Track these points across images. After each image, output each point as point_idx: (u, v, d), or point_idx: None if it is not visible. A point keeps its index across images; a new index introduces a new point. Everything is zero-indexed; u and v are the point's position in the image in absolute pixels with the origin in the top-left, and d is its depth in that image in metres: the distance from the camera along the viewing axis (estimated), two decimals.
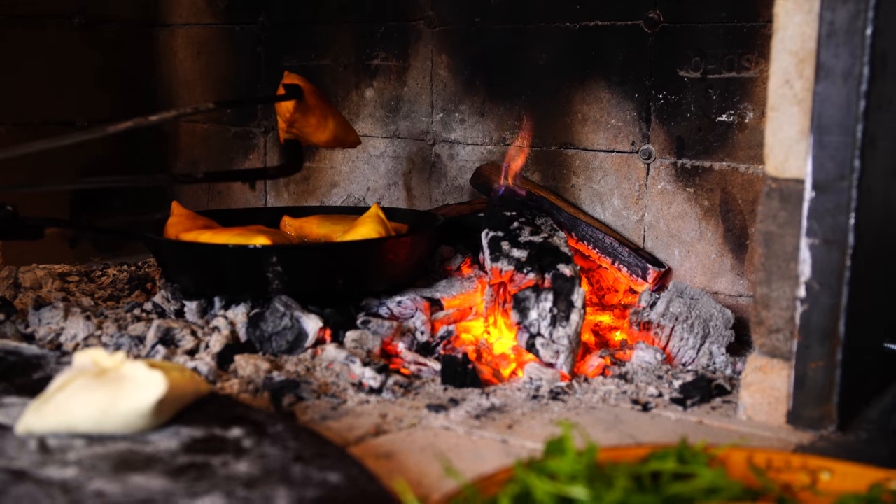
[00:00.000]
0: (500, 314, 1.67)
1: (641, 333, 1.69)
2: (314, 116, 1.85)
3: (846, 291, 1.26)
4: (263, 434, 1.13)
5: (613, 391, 1.49)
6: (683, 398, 1.45)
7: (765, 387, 1.34)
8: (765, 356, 1.34)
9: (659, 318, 1.68)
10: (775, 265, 1.32)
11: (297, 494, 0.96)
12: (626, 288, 1.91)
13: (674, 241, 1.90)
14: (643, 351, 1.63)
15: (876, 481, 0.92)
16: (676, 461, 0.94)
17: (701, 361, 1.63)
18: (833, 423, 1.29)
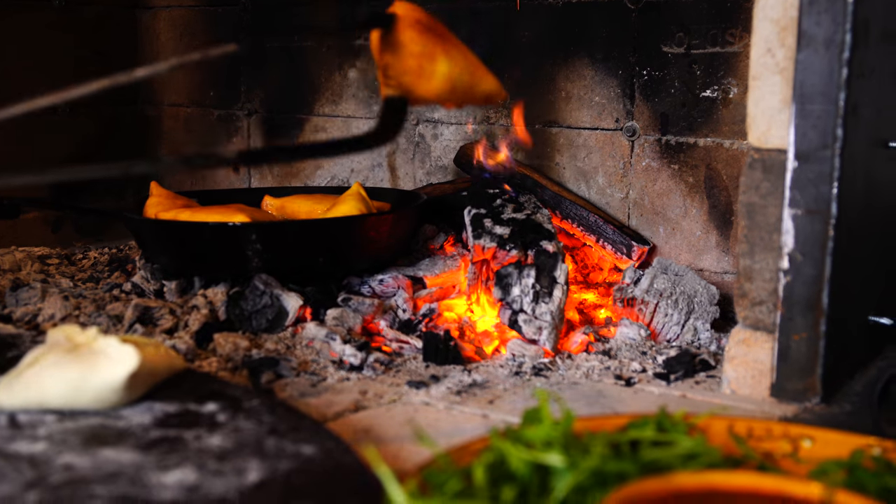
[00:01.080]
0: (482, 291, 1.65)
1: (625, 310, 1.68)
2: (411, 57, 1.22)
3: (829, 262, 1.25)
4: (239, 409, 1.11)
5: (597, 367, 1.48)
6: (667, 373, 1.44)
7: (748, 360, 1.32)
8: (748, 329, 1.33)
9: (643, 294, 1.67)
10: (758, 237, 1.31)
11: (270, 466, 0.94)
12: (611, 266, 1.90)
13: (658, 218, 1.88)
14: (627, 327, 1.62)
15: (857, 448, 0.91)
16: (655, 430, 0.92)
17: (685, 337, 1.62)
18: (817, 395, 1.28)
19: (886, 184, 1.41)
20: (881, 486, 0.84)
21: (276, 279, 1.62)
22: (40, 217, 2.36)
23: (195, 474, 0.92)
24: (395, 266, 1.76)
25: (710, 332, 1.61)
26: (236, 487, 0.89)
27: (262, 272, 1.61)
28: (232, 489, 0.89)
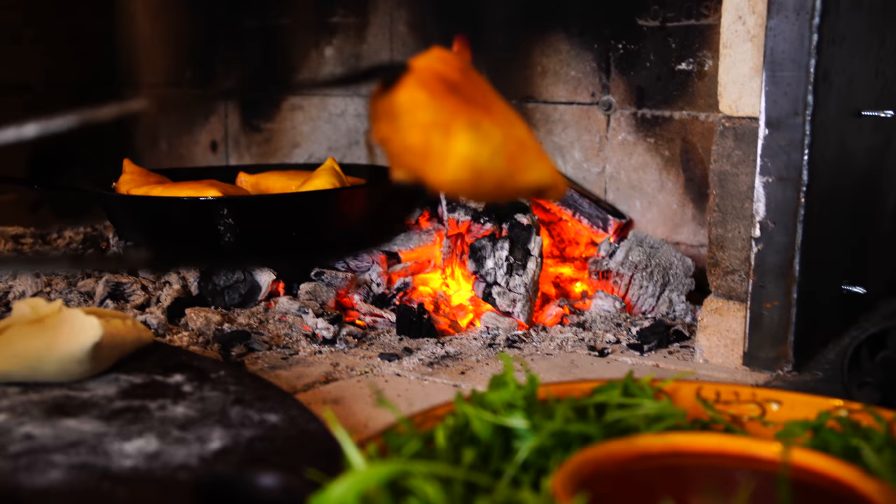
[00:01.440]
0: (457, 265, 1.64)
1: (601, 282, 1.67)
2: (416, 129, 0.79)
3: (801, 230, 1.24)
4: (205, 380, 1.10)
5: (571, 338, 1.47)
6: (641, 344, 1.43)
7: (721, 329, 1.32)
8: (721, 298, 1.33)
9: (618, 266, 1.66)
10: (730, 205, 1.30)
11: (234, 434, 0.93)
12: (588, 240, 1.89)
13: (635, 192, 1.87)
14: (602, 300, 1.61)
15: (824, 410, 0.90)
16: (622, 394, 0.92)
17: (661, 309, 1.61)
18: (789, 363, 1.27)
19: (859, 152, 1.40)
20: (845, 445, 0.84)
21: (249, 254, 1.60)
22: (18, 199, 2.34)
23: (157, 443, 0.91)
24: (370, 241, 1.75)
25: (686, 303, 1.60)
26: (198, 454, 0.88)
27: (235, 247, 1.60)
28: (193, 456, 0.88)
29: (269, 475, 0.84)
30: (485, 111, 0.81)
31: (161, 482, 0.82)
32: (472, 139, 0.78)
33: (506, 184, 0.81)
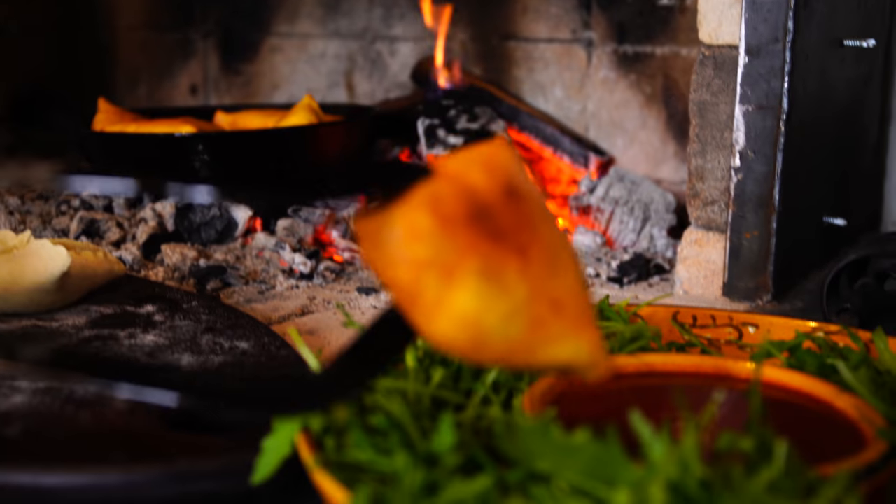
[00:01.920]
0: None
1: (581, 218, 1.66)
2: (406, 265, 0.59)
3: (780, 159, 1.23)
4: (177, 310, 1.09)
5: None
6: (620, 277, 1.42)
7: (700, 260, 1.31)
8: (700, 229, 1.31)
9: (599, 202, 1.65)
10: (710, 135, 1.29)
11: (203, 360, 0.92)
12: (569, 178, 1.87)
13: (616, 129, 1.86)
14: (582, 235, 1.60)
15: (800, 331, 0.89)
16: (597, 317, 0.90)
17: (641, 244, 1.60)
18: (768, 293, 1.26)
19: (841, 84, 1.38)
20: (821, 365, 0.83)
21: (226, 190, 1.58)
22: None
23: None
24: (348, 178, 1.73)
25: (667, 238, 1.59)
26: None
27: (211, 184, 1.58)
28: None
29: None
30: (517, 254, 0.59)
31: (127, 407, 0.81)
32: (480, 293, 0.57)
33: (520, 356, 0.60)
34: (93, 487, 0.68)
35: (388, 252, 0.58)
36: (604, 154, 1.84)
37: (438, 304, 0.57)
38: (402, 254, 0.57)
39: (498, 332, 0.58)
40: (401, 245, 0.57)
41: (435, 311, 0.57)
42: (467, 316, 0.57)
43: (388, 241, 0.58)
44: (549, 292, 0.60)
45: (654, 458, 0.57)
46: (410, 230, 0.57)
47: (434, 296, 0.57)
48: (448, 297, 0.57)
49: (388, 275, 0.58)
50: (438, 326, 0.58)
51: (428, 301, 0.57)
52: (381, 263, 0.58)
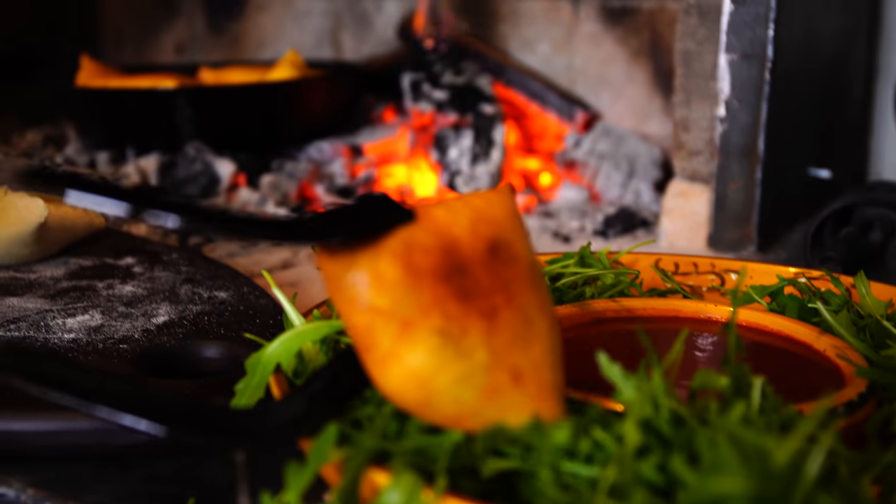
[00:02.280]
0: (422, 156, 1.62)
1: (567, 173, 1.65)
2: (361, 312, 0.56)
3: (765, 108, 1.22)
4: (157, 261, 1.08)
5: (536, 227, 1.45)
6: (605, 230, 1.41)
7: (685, 212, 1.30)
8: (685, 181, 1.30)
9: (585, 156, 1.64)
10: (695, 85, 1.28)
11: (181, 309, 0.91)
12: (555, 133, 1.86)
13: (603, 84, 1.84)
14: (568, 189, 1.59)
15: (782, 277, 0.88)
16: (578, 265, 0.90)
17: (627, 198, 1.59)
18: (753, 244, 1.25)
19: (827, 34, 1.37)
20: (802, 308, 0.82)
21: (210, 146, 1.57)
22: None
23: (101, 318, 0.89)
24: (333, 134, 1.72)
25: (652, 192, 1.58)
26: (142, 328, 0.86)
27: (195, 139, 1.57)
28: (137, 329, 0.86)
29: (213, 345, 0.82)
30: (484, 318, 0.57)
31: (101, 353, 0.80)
32: (435, 353, 0.55)
33: (471, 420, 0.55)
34: (64, 433, 0.67)
35: (348, 294, 0.56)
36: (590, 109, 1.83)
37: (391, 356, 0.55)
38: (362, 299, 0.55)
39: (449, 395, 0.55)
40: (362, 290, 0.55)
41: (387, 363, 0.55)
42: (419, 374, 0.55)
43: (351, 284, 0.55)
44: (511, 360, 0.56)
45: (625, 398, 0.56)
46: (375, 277, 0.55)
47: (388, 347, 0.55)
48: (401, 352, 0.55)
49: (344, 315, 0.56)
50: (388, 379, 0.55)
51: (381, 352, 0.55)
52: (341, 302, 0.56)
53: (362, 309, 0.55)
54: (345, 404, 0.57)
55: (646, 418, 0.53)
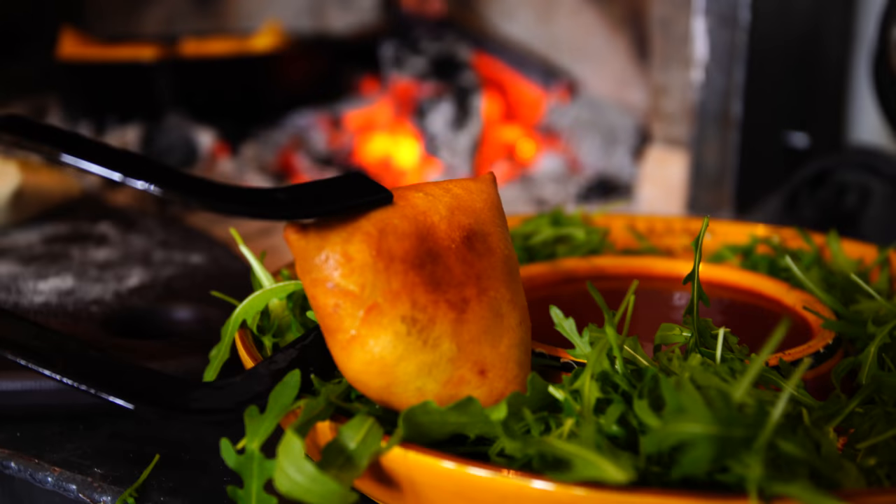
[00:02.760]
0: (403, 125, 1.61)
1: (547, 141, 1.65)
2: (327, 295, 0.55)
3: (742, 73, 1.22)
4: (132, 227, 1.07)
5: (516, 195, 1.45)
6: (585, 196, 1.41)
7: (663, 177, 1.30)
8: (663, 146, 1.30)
9: (565, 125, 1.63)
10: (673, 51, 1.28)
11: (154, 273, 0.91)
12: (536, 103, 1.86)
13: (584, 54, 1.84)
14: (548, 158, 1.58)
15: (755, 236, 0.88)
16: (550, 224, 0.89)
17: (607, 166, 1.59)
18: (730, 208, 1.25)
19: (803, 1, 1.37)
20: (772, 266, 0.82)
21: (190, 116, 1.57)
22: None
23: (73, 281, 0.89)
24: (314, 104, 1.71)
25: (631, 160, 1.58)
26: (114, 291, 0.86)
27: (175, 110, 1.56)
28: (109, 292, 0.86)
29: (184, 307, 0.82)
30: (454, 308, 0.56)
31: (72, 315, 0.80)
32: (398, 341, 0.54)
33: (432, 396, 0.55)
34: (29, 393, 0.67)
35: (317, 274, 0.54)
36: (570, 78, 1.83)
37: (355, 340, 0.54)
38: (331, 280, 0.54)
39: (412, 384, 0.54)
40: (331, 271, 0.54)
41: (351, 346, 0.54)
42: (382, 360, 0.54)
43: (320, 264, 0.54)
44: (478, 354, 0.56)
45: (580, 353, 0.56)
46: (345, 259, 0.54)
47: (353, 331, 0.54)
48: (366, 337, 0.54)
49: (311, 296, 0.55)
50: (352, 364, 0.54)
51: (346, 335, 0.54)
52: (309, 281, 0.55)
53: (330, 290, 0.54)
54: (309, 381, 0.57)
55: (604, 372, 0.53)
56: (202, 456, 0.63)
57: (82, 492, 0.60)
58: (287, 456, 0.47)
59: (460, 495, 0.48)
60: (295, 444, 0.48)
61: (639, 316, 0.69)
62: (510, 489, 0.46)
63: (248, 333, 0.65)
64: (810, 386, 0.60)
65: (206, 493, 0.59)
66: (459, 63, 1.62)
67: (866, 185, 1.15)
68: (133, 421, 0.69)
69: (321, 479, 0.47)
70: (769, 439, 0.45)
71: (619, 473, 0.44)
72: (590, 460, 0.45)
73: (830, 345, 0.63)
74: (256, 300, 0.67)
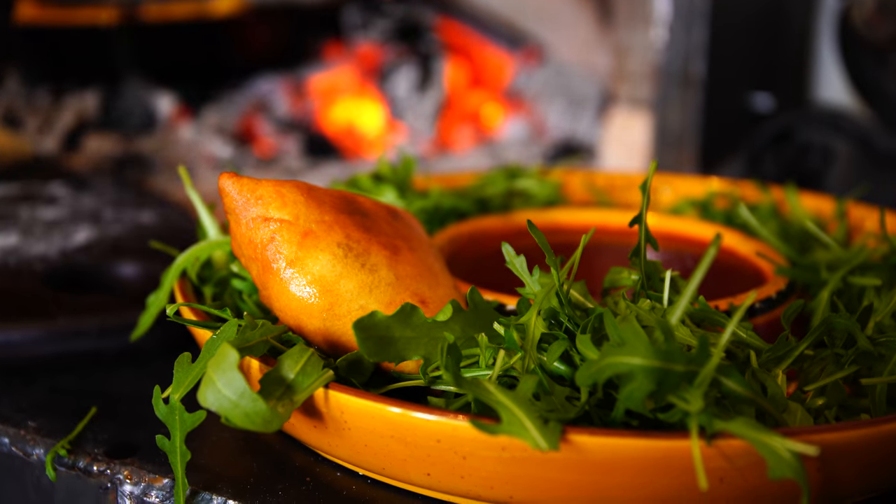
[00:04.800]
0: (367, 90, 1.59)
1: (512, 106, 1.63)
2: (263, 221, 0.56)
3: (703, 31, 1.20)
4: (84, 188, 1.05)
5: (482, 160, 1.43)
6: (551, 160, 1.40)
7: (628, 138, 1.29)
8: (627, 108, 1.29)
9: (530, 90, 1.62)
10: (637, 11, 1.26)
11: (102, 231, 0.89)
12: (502, 68, 1.84)
13: (550, 19, 1.82)
14: (514, 123, 1.57)
15: (712, 190, 0.87)
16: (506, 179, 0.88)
17: (572, 129, 1.57)
18: (693, 168, 1.24)
19: None
20: (728, 217, 0.81)
21: (151, 79, 1.54)
22: None
23: (18, 238, 0.86)
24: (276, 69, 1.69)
25: (597, 123, 1.57)
26: (59, 248, 0.84)
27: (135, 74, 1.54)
28: (54, 249, 0.84)
29: (129, 264, 0.80)
30: (387, 249, 0.57)
31: (13, 271, 0.78)
32: (336, 261, 0.55)
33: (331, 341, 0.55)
34: None
35: (252, 213, 0.55)
36: (537, 43, 1.81)
37: (295, 263, 0.54)
38: (266, 214, 0.55)
39: (354, 301, 0.54)
40: (266, 206, 0.55)
41: (291, 270, 0.54)
42: (323, 278, 0.54)
43: (255, 201, 0.55)
44: (416, 287, 0.57)
45: (529, 292, 0.55)
46: (279, 195, 0.56)
47: (292, 255, 0.54)
48: (305, 258, 0.54)
49: (247, 239, 0.55)
50: (292, 289, 0.54)
51: (285, 261, 0.54)
52: (245, 223, 0.55)
53: (265, 223, 0.55)
54: None
55: (551, 308, 0.52)
56: (141, 409, 0.61)
57: (15, 445, 0.59)
58: (218, 367, 0.46)
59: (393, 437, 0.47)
60: (230, 355, 0.46)
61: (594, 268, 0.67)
62: (430, 430, 0.46)
63: (187, 282, 0.63)
64: (764, 331, 0.59)
65: (140, 445, 0.58)
66: (423, 27, 1.60)
67: (830, 146, 1.14)
68: (73, 374, 0.67)
69: (250, 396, 0.45)
70: (711, 376, 0.43)
71: (541, 442, 0.43)
72: (518, 419, 0.44)
73: (783, 291, 0.62)
74: (199, 250, 0.65)
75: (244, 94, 1.63)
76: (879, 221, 0.71)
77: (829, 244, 0.70)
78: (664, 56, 1.22)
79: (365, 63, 1.61)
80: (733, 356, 0.52)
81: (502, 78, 1.80)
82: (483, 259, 0.72)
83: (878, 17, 0.99)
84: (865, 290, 0.62)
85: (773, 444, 0.41)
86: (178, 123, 1.52)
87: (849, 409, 0.51)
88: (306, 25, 1.82)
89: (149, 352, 0.69)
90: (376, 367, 0.54)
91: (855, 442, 0.44)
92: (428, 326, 0.51)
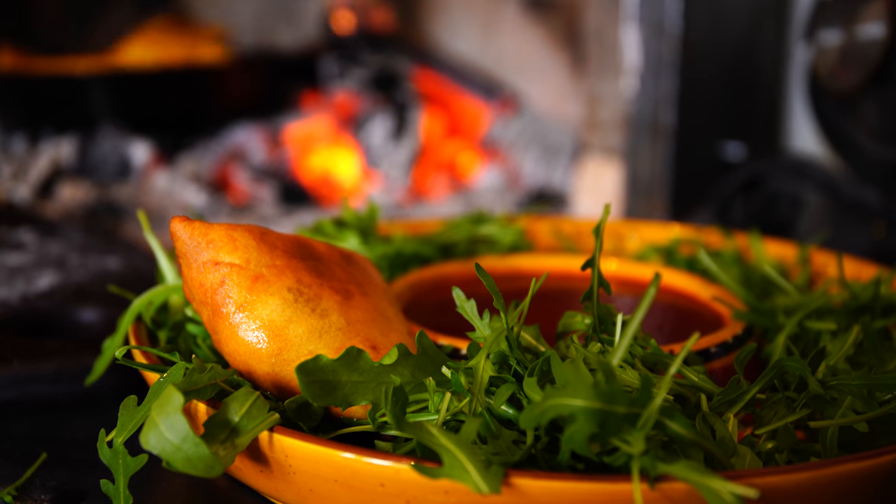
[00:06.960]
0: (342, 139, 1.60)
1: (488, 155, 1.63)
2: (213, 266, 0.55)
3: (672, 80, 1.21)
4: (52, 234, 1.05)
5: (456, 208, 1.43)
6: (525, 208, 1.40)
7: (599, 187, 1.29)
8: (599, 157, 1.29)
9: (505, 139, 1.62)
10: (608, 60, 1.27)
11: (65, 276, 0.88)
12: (477, 117, 1.85)
13: (524, 69, 1.83)
14: (489, 172, 1.57)
15: (676, 237, 0.87)
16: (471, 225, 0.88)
17: (546, 178, 1.57)
18: (663, 216, 1.24)
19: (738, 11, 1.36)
20: (691, 264, 0.81)
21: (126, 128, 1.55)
22: None
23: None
24: (253, 118, 1.70)
25: (569, 173, 1.57)
26: (21, 293, 0.84)
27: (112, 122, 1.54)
28: (15, 295, 0.83)
29: (90, 309, 0.80)
30: (339, 294, 0.57)
31: None
32: (286, 305, 0.54)
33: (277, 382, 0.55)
34: None
35: (203, 257, 0.55)
36: (512, 92, 1.82)
37: (244, 308, 0.54)
38: (216, 259, 0.55)
39: (304, 346, 0.54)
40: (216, 251, 0.55)
41: (240, 315, 0.54)
42: (273, 322, 0.54)
43: (206, 246, 0.55)
44: (367, 333, 0.56)
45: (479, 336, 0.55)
46: (230, 239, 0.55)
47: (241, 299, 0.54)
48: (254, 303, 0.54)
49: (198, 283, 0.55)
50: (241, 334, 0.54)
51: (234, 305, 0.54)
52: (196, 267, 0.55)
53: (216, 267, 0.55)
54: None
55: (501, 352, 0.52)
56: (92, 455, 0.60)
57: None
58: (162, 410, 0.45)
59: (337, 481, 0.46)
60: (175, 398, 0.45)
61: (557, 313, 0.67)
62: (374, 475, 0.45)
63: (142, 326, 0.63)
64: (720, 376, 0.59)
65: (88, 491, 0.57)
66: (400, 77, 1.61)
67: (799, 194, 1.14)
68: (27, 420, 0.67)
69: (192, 440, 0.44)
70: (654, 418, 0.43)
71: (482, 485, 0.42)
72: (460, 462, 0.43)
73: (740, 335, 0.62)
74: (154, 294, 0.65)
75: (220, 142, 1.63)
76: (838, 267, 0.71)
77: (788, 289, 0.71)
78: (634, 105, 1.23)
79: (341, 112, 1.61)
80: (685, 400, 0.52)
81: (478, 127, 1.81)
82: (444, 304, 0.72)
83: (841, 68, 1.00)
84: (821, 335, 0.62)
85: (715, 486, 0.41)
86: (153, 171, 1.52)
87: (801, 452, 0.51)
88: (284, 74, 1.82)
89: (105, 397, 0.68)
90: (326, 412, 0.53)
91: (799, 485, 0.44)
92: (376, 371, 0.51)
